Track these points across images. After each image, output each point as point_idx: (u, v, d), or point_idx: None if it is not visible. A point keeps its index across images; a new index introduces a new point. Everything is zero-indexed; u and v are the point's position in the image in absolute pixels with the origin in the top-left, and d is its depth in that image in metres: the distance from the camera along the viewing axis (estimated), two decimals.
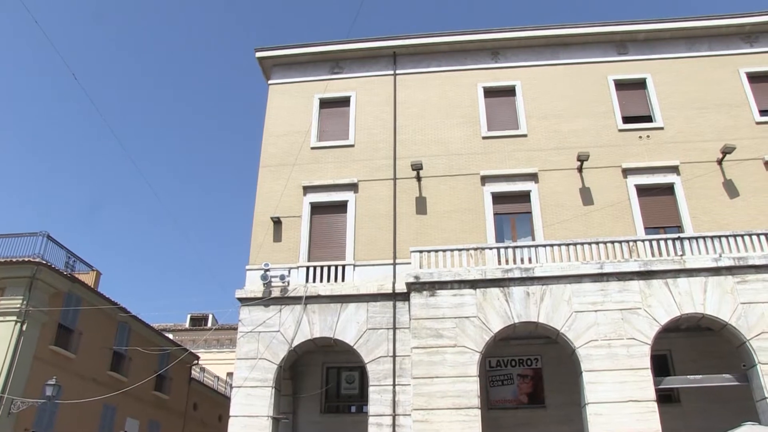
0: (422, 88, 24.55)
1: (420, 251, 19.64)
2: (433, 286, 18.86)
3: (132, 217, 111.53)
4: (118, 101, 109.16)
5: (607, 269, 18.64)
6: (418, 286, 18.91)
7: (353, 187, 22.65)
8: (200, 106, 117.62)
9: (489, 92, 24.40)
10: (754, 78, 24.05)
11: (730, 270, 18.51)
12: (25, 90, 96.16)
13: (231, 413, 19.13)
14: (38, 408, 22.51)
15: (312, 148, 23.71)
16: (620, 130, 23.18)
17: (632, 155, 22.57)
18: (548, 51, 25.02)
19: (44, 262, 23.39)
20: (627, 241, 19.44)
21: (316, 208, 22.64)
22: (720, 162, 22.12)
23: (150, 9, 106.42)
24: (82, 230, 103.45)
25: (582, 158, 21.90)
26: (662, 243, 19.40)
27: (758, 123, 22.97)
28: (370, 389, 19.12)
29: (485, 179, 22.36)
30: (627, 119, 23.47)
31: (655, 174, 22.19)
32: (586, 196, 21.89)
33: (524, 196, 22.11)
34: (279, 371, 19.60)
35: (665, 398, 19.39)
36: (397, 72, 24.98)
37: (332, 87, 24.93)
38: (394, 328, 19.67)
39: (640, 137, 22.98)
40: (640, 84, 24.33)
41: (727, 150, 21.67)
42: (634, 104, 23.91)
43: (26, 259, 23.18)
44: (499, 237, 21.56)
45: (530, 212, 21.82)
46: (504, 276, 18.78)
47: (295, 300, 20.33)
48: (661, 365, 20.18)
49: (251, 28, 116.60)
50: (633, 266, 18.67)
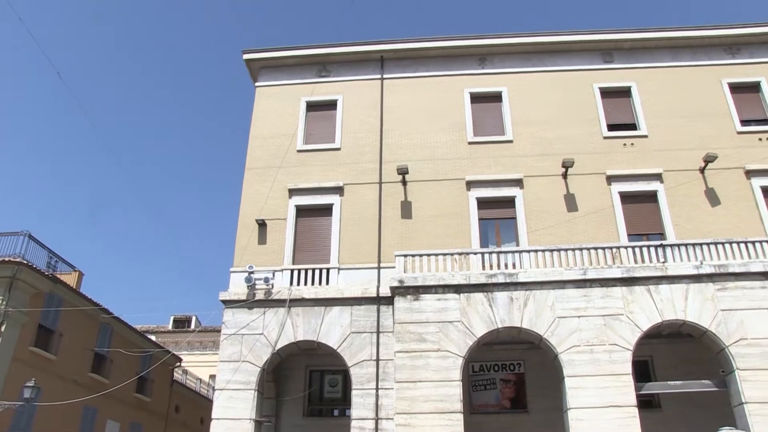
0: (409, 93, 24.63)
1: (405, 255, 19.68)
2: (417, 291, 18.91)
3: (116, 218, 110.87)
4: (104, 100, 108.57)
5: (591, 275, 18.79)
6: (403, 290, 18.94)
7: (339, 191, 22.68)
8: (187, 107, 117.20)
9: (476, 98, 24.53)
10: (736, 88, 24.39)
11: (711, 277, 18.72)
12: (7, 87, 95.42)
13: (213, 416, 19.06)
14: (16, 410, 22.18)
15: (298, 151, 23.71)
16: (605, 138, 23.39)
17: (616, 162, 22.78)
18: (535, 58, 25.19)
19: (25, 262, 23.13)
20: (610, 248, 19.63)
21: (302, 211, 22.64)
22: (702, 170, 22.37)
23: (140, 9, 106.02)
24: (67, 230, 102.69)
25: (567, 165, 22.07)
26: (645, 250, 19.59)
27: (739, 132, 23.28)
28: (353, 393, 19.13)
29: (470, 184, 22.47)
30: (612, 127, 23.70)
31: (639, 181, 22.41)
32: (571, 203, 22.05)
33: (509, 202, 22.23)
34: (262, 374, 19.56)
35: (646, 404, 19.55)
36: (385, 76, 25.05)
37: (319, 90, 24.96)
38: (378, 332, 19.70)
39: (625, 145, 23.20)
40: (625, 92, 24.56)
41: (709, 159, 21.94)
42: (619, 112, 24.14)
43: (6, 259, 22.90)
44: (484, 242, 21.67)
45: (515, 218, 21.95)
46: (488, 281, 18.86)
47: (279, 303, 20.30)
48: (643, 371, 20.34)
49: (240, 30, 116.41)
50: (616, 272, 18.83)
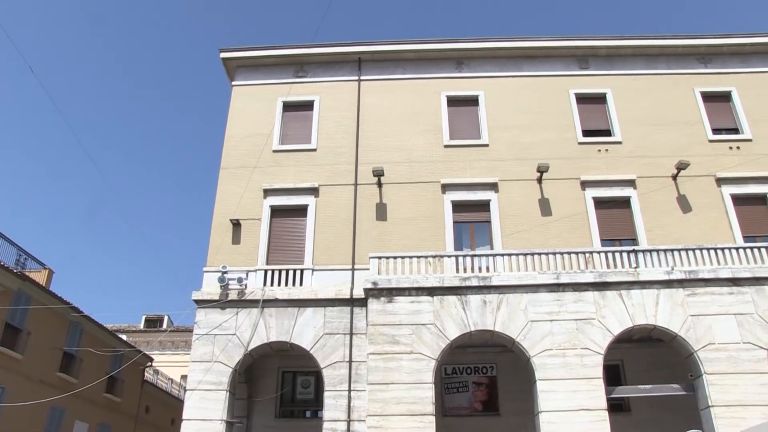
0: (386, 95, 24.64)
1: (379, 257, 19.66)
2: (391, 293, 18.89)
3: (89, 216, 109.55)
4: (79, 97, 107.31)
5: (564, 280, 18.91)
6: (376, 292, 18.92)
7: (314, 192, 22.60)
8: (163, 105, 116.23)
9: (452, 101, 24.60)
10: (708, 97, 24.77)
11: (681, 283, 18.95)
12: None
13: (184, 416, 18.88)
14: None
15: (274, 151, 23.58)
16: (580, 143, 23.59)
17: (591, 168, 22.98)
18: (512, 62, 25.34)
19: None
20: (583, 253, 19.78)
21: (276, 212, 22.52)
22: (674, 177, 22.66)
23: (118, 7, 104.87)
24: (38, 228, 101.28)
25: (542, 169, 22.21)
26: (617, 255, 19.79)
27: (711, 141, 23.64)
28: (326, 394, 19.06)
29: (446, 187, 22.52)
30: (587, 132, 23.91)
31: (613, 187, 22.62)
32: (545, 207, 22.20)
33: (484, 206, 22.32)
34: (234, 375, 19.42)
35: (616, 407, 19.75)
36: (362, 78, 25.03)
37: (296, 90, 24.86)
38: (351, 334, 19.66)
39: (599, 151, 23.41)
40: (600, 98, 24.79)
41: (682, 166, 22.24)
42: (594, 118, 24.36)
43: None
44: (458, 245, 21.73)
45: (489, 221, 22.04)
46: (461, 284, 18.90)
47: (253, 303, 20.18)
48: (613, 375, 20.56)
49: (218, 28, 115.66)
50: (588, 277, 18.97)
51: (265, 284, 20.79)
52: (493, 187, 22.51)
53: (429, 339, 18.28)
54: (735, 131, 24.11)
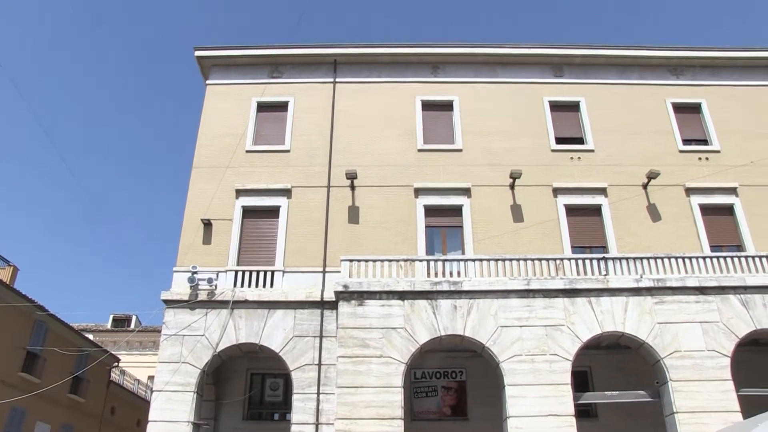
0: (361, 98, 24.62)
1: (350, 260, 19.60)
2: (362, 296, 18.84)
3: (57, 213, 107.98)
4: (49, 92, 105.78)
5: (534, 286, 19.02)
6: (347, 295, 18.86)
7: (286, 193, 22.48)
8: (136, 103, 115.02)
9: (427, 105, 24.66)
10: (679, 108, 25.15)
11: (650, 291, 19.19)
12: None
13: (150, 418, 18.62)
14: None
15: (247, 152, 23.42)
16: (553, 151, 23.78)
17: (563, 175, 23.17)
18: (487, 69, 25.46)
19: None
20: (554, 259, 19.93)
21: (248, 212, 22.36)
22: (645, 186, 22.94)
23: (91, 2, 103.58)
24: (4, 224, 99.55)
25: (514, 176, 22.34)
26: (587, 262, 19.96)
27: (681, 151, 24.00)
28: (294, 397, 18.95)
29: (419, 192, 22.54)
30: (560, 140, 24.11)
31: (584, 195, 22.82)
32: (517, 213, 22.32)
33: (456, 210, 22.38)
34: (202, 376, 19.23)
35: (584, 413, 19.85)
36: (337, 80, 24.98)
37: (271, 91, 24.73)
38: (321, 337, 19.58)
39: (572, 158, 23.61)
40: (574, 107, 25.03)
41: (652, 175, 22.53)
42: (567, 126, 24.57)
43: None
44: (430, 249, 21.75)
45: (461, 226, 22.10)
46: (432, 288, 18.91)
47: (222, 304, 20.00)
48: (581, 381, 20.69)
49: (193, 26, 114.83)
50: (559, 284, 19.11)
51: (236, 285, 20.63)
52: (466, 193, 22.59)
53: (399, 343, 18.26)
54: (704, 142, 24.51)
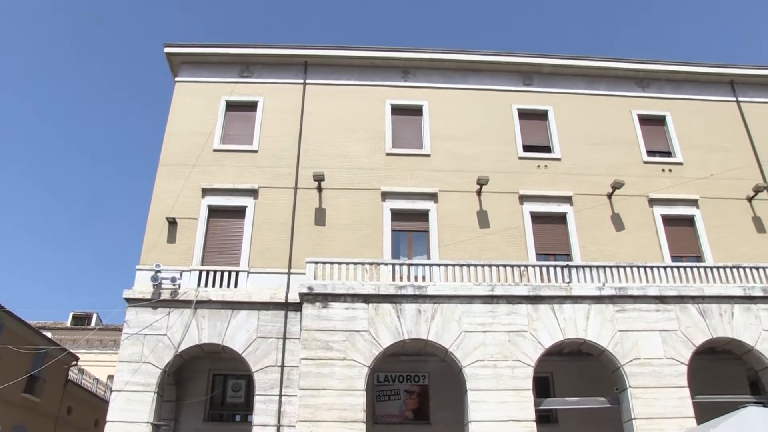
0: (331, 100, 24.59)
1: (315, 262, 19.54)
2: (326, 298, 18.81)
3: (17, 208, 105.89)
4: (9, 82, 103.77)
5: (498, 292, 19.18)
6: (311, 297, 18.80)
7: (253, 193, 22.35)
8: (101, 97, 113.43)
9: (396, 110, 24.73)
10: (645, 120, 25.66)
11: (612, 299, 19.49)
12: None
13: (108, 418, 18.31)
14: None
15: (214, 151, 23.24)
16: (520, 158, 24.01)
17: (529, 183, 23.40)
18: (457, 74, 25.63)
19: None
20: (518, 266, 20.09)
21: (214, 212, 22.18)
22: (610, 196, 23.29)
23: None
24: None
25: (481, 182, 22.50)
26: (551, 269, 20.18)
27: (645, 162, 24.45)
28: (256, 398, 18.82)
29: (386, 195, 22.58)
30: (527, 148, 24.36)
31: (550, 203, 23.09)
32: (483, 219, 22.48)
33: (423, 215, 22.47)
34: (163, 376, 18.99)
35: (544, 419, 20.05)
36: (307, 81, 24.93)
37: (240, 90, 24.60)
38: (285, 338, 19.48)
39: (538, 166, 23.87)
40: (542, 115, 25.32)
41: (617, 185, 22.88)
42: (535, 134, 24.84)
43: None
44: (395, 253, 21.81)
45: (427, 231, 22.19)
46: (397, 292, 18.96)
47: (185, 303, 19.80)
48: (543, 387, 20.87)
49: (164, 22, 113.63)
50: (522, 290, 19.29)
51: (199, 285, 20.44)
52: (433, 197, 22.68)
53: (362, 346, 18.25)
54: (668, 154, 24.99)
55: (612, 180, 23.11)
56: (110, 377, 38.92)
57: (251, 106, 24.43)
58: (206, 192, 22.31)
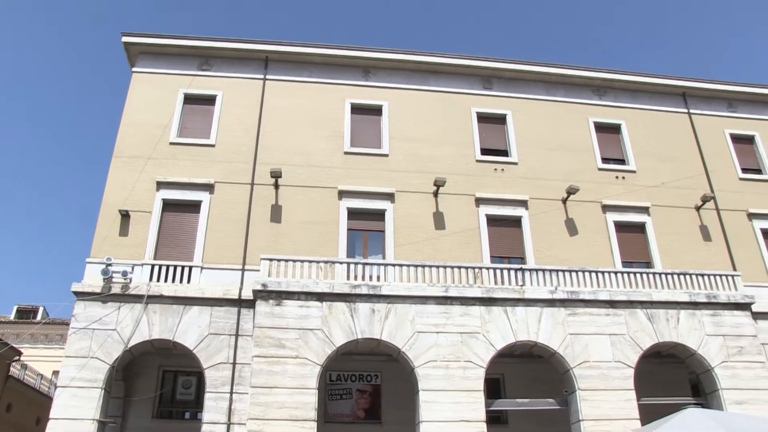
0: (291, 97, 24.44)
1: (270, 259, 19.43)
2: (280, 296, 18.72)
3: None
4: None
5: (452, 293, 19.35)
6: (265, 295, 18.69)
7: (209, 188, 22.09)
8: (53, 84, 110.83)
9: (356, 109, 24.69)
10: (600, 128, 26.14)
11: (563, 303, 19.86)
12: None
13: (51, 415, 17.80)
14: None
15: (171, 144, 22.88)
16: (477, 161, 24.21)
17: (486, 186, 23.61)
18: (418, 76, 25.72)
19: None
20: (472, 268, 20.30)
21: (169, 206, 21.85)
22: (564, 201, 23.66)
23: None
24: None
25: (438, 184, 22.62)
26: (505, 272, 20.45)
27: (600, 169, 24.90)
28: (207, 396, 18.59)
29: (343, 194, 22.53)
30: (485, 151, 24.58)
31: (506, 206, 23.33)
32: (439, 221, 22.61)
33: (379, 215, 22.49)
34: (111, 372, 18.62)
35: (495, 419, 20.31)
36: (268, 77, 24.73)
37: (199, 84, 24.29)
38: (237, 335, 19.29)
39: (495, 170, 24.10)
40: (501, 119, 25.57)
41: (572, 191, 23.24)
42: (493, 138, 25.07)
43: None
44: (351, 252, 21.78)
45: (383, 231, 22.22)
46: (351, 291, 18.97)
47: (137, 298, 19.45)
48: (494, 388, 21.14)
49: (122, 10, 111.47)
50: (476, 292, 19.49)
51: (151, 279, 20.11)
52: (390, 197, 22.72)
53: (315, 344, 18.21)
54: (622, 162, 25.50)
55: (567, 185, 23.47)
56: (55, 373, 38.05)
57: (210, 100, 24.13)
58: (161, 185, 21.96)
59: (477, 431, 17.64)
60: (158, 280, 20.13)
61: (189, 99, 24.08)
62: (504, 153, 24.77)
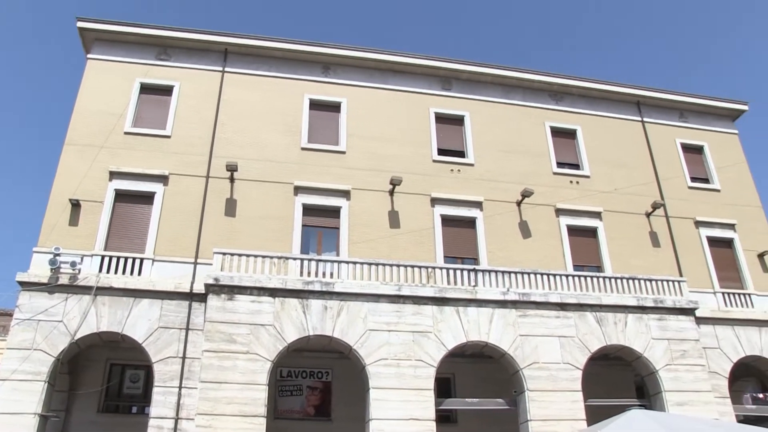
0: (249, 90, 24.20)
1: (223, 253, 19.24)
2: (232, 290, 18.56)
3: None
4: None
5: (405, 292, 19.43)
6: (217, 289, 18.51)
7: (163, 180, 21.73)
8: (3, 63, 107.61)
9: (315, 105, 24.57)
10: (556, 132, 26.54)
11: (515, 304, 20.13)
12: None
13: None
14: None
15: (125, 133, 22.43)
16: (434, 161, 24.32)
17: (442, 186, 23.74)
18: (378, 74, 25.72)
19: None
20: (426, 267, 20.40)
21: (121, 196, 21.43)
22: (519, 204, 23.93)
23: None
24: None
25: (395, 182, 22.66)
26: (458, 272, 20.60)
27: (555, 173, 25.27)
28: (155, 390, 18.30)
29: (298, 190, 22.41)
30: (442, 151, 24.71)
31: (461, 207, 23.49)
32: (394, 220, 22.66)
33: (334, 212, 22.44)
34: (56, 365, 18.18)
35: (444, 418, 20.46)
36: (227, 69, 24.43)
37: (156, 73, 23.88)
38: (187, 329, 19.03)
39: (452, 170, 24.24)
40: (459, 120, 25.73)
41: (526, 194, 23.52)
42: (450, 138, 25.21)
43: None
44: (305, 249, 21.68)
45: (338, 228, 22.16)
46: (304, 288, 18.91)
47: (85, 290, 19.03)
48: (444, 387, 21.30)
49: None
50: (429, 291, 19.61)
51: (101, 271, 19.71)
52: (346, 195, 22.68)
53: (267, 340, 18.11)
54: (576, 167, 25.91)
55: (522, 188, 23.74)
56: None
57: (167, 90, 23.73)
58: (114, 175, 21.53)
59: (426, 430, 17.74)
60: (108, 272, 19.76)
61: (145, 88, 23.66)
62: (461, 154, 24.93)
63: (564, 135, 26.66)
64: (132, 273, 19.93)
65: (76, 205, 20.70)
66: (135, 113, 23.03)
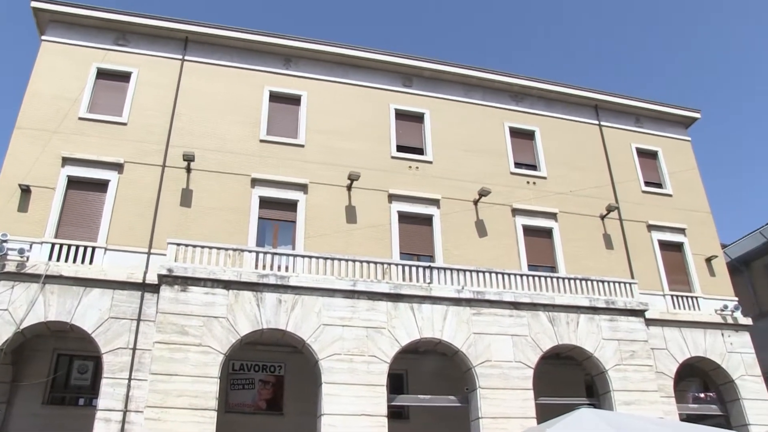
0: (209, 80, 23.85)
1: (177, 244, 18.96)
2: (186, 282, 18.31)
3: None
4: None
5: (359, 287, 19.43)
6: (170, 280, 18.24)
7: (118, 167, 21.29)
8: None
9: (275, 97, 24.33)
10: (515, 133, 26.79)
11: (469, 302, 20.30)
12: None
13: None
14: None
15: (79, 119, 21.88)
16: (393, 157, 24.35)
17: (400, 183, 23.78)
18: (339, 69, 25.60)
19: None
20: (381, 263, 20.43)
21: (74, 183, 20.94)
22: (476, 203, 24.11)
23: None
24: None
25: (352, 177, 22.61)
26: (413, 269, 20.69)
27: (512, 173, 25.54)
28: (103, 381, 17.92)
29: (255, 182, 22.19)
30: (401, 148, 24.73)
31: (418, 204, 23.57)
32: (351, 215, 22.62)
33: (291, 205, 22.27)
34: None
35: (396, 414, 20.55)
36: (186, 58, 24.03)
37: (114, 59, 23.35)
38: (139, 320, 18.71)
39: (410, 167, 24.30)
40: (419, 118, 25.79)
41: (483, 193, 23.70)
42: (410, 135, 25.27)
43: None
44: (260, 241, 21.49)
45: (295, 221, 22.00)
46: (259, 281, 18.76)
47: (33, 278, 18.53)
48: (397, 383, 21.39)
49: None
50: (384, 287, 19.65)
51: (51, 258, 19.23)
52: (303, 188, 22.54)
53: (219, 333, 17.93)
54: (533, 168, 26.22)
55: (479, 187, 23.89)
56: None
57: (124, 77, 23.23)
58: (67, 161, 21.01)
59: (378, 425, 17.78)
60: (58, 260, 19.28)
61: (102, 74, 23.13)
62: (420, 151, 25.00)
63: (522, 136, 26.94)
64: (83, 262, 19.50)
65: (26, 191, 20.16)
66: (90, 99, 22.49)
